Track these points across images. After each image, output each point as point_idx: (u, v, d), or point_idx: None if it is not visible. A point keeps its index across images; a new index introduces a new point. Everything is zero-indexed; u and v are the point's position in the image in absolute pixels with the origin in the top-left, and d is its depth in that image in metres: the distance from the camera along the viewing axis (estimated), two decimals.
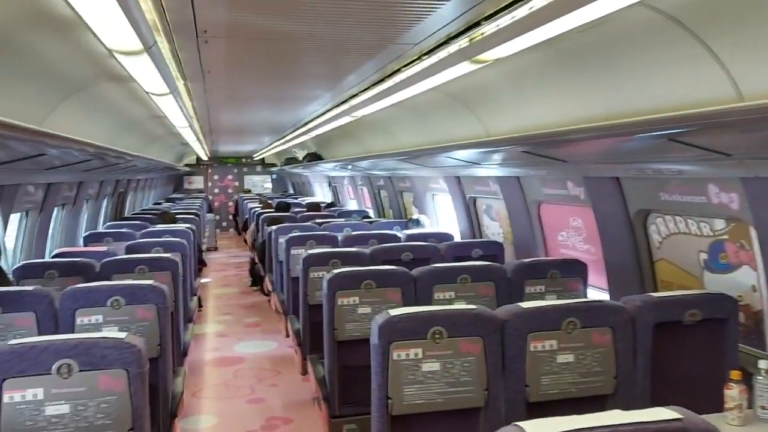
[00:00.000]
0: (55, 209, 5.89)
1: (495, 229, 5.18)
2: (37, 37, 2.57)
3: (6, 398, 1.95)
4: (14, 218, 4.98)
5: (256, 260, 9.01)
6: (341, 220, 7.74)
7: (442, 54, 2.98)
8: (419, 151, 4.70)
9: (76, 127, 3.80)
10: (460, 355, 2.35)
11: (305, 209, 9.77)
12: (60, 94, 3.44)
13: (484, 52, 2.67)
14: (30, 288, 2.95)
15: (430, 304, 3.41)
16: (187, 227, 6.73)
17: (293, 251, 5.50)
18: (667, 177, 3.08)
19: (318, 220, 7.47)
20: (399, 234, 5.66)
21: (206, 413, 4.51)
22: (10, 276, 3.97)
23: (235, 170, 19.25)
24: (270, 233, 6.79)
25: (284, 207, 9.19)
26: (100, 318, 2.97)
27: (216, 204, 18.78)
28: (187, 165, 17.77)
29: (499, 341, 2.40)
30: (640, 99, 2.46)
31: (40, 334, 2.87)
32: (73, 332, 2.92)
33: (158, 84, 3.30)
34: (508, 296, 3.53)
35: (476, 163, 4.48)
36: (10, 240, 4.78)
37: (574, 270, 3.72)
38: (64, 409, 1.99)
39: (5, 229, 4.21)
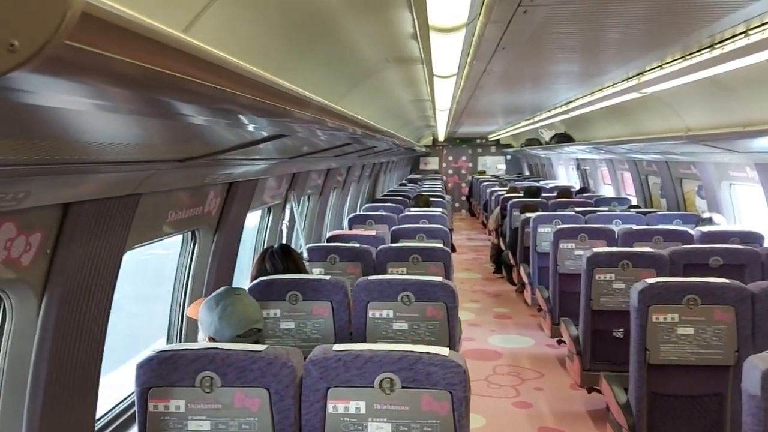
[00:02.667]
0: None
1: None
2: (347, 18, 2.45)
3: (330, 408, 1.84)
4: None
5: (503, 247, 8.67)
6: (603, 209, 6.97)
7: None
8: (742, 134, 3.83)
9: (357, 114, 3.78)
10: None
11: (552, 194, 9.12)
12: (351, 80, 3.40)
13: None
14: (327, 277, 2.95)
15: None
16: (441, 211, 6.62)
17: (562, 245, 5.02)
18: None
19: (578, 209, 6.82)
20: (690, 231, 4.80)
21: (473, 411, 4.28)
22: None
23: (469, 151, 19.20)
24: (527, 221, 6.37)
25: (534, 192, 8.64)
26: (390, 313, 2.86)
27: (449, 185, 18.90)
28: (424, 146, 18.16)
29: None
30: None
31: (335, 324, 2.85)
32: (365, 325, 2.85)
33: (451, 64, 3.06)
34: None
35: None
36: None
37: None
38: (386, 428, 1.82)
39: (298, 213, 4.42)
